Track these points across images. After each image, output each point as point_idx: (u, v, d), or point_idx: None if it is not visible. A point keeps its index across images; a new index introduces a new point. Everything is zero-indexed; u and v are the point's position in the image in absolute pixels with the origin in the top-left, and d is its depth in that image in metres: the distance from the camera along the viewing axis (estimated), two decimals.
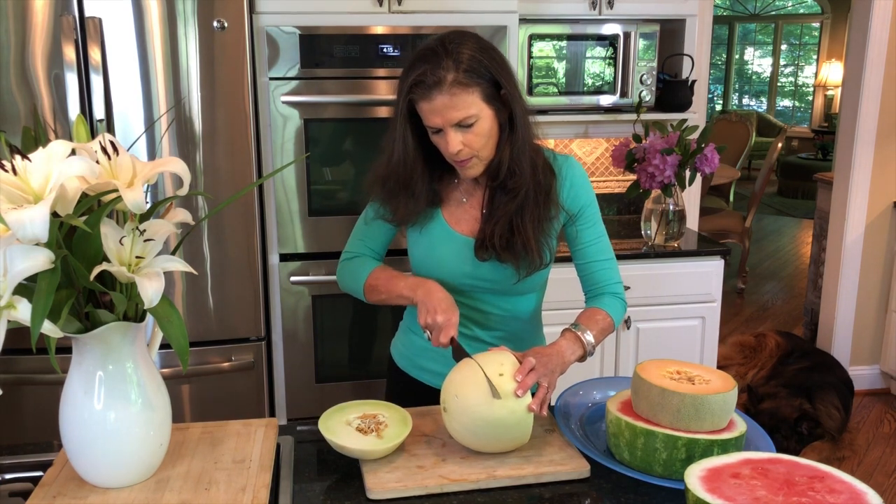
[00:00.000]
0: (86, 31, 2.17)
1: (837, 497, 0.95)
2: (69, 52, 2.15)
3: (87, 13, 2.16)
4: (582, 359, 1.45)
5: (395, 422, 1.33)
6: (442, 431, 1.37)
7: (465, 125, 1.37)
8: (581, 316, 1.51)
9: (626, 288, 1.43)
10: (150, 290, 1.02)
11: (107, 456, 1.12)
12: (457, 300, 1.55)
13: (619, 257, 1.61)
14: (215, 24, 2.24)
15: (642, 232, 2.88)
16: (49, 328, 0.99)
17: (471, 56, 1.35)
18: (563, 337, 1.45)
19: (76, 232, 1.02)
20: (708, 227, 4.83)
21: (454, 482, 1.22)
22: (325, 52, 2.38)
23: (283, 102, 2.38)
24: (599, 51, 2.90)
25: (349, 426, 1.31)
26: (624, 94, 2.95)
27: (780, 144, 5.53)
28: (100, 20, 2.17)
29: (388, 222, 1.55)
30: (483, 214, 1.51)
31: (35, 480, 1.21)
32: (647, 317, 2.77)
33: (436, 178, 1.52)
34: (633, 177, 2.83)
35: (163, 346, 1.87)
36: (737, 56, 10.65)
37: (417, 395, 1.61)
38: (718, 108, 10.52)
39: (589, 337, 1.45)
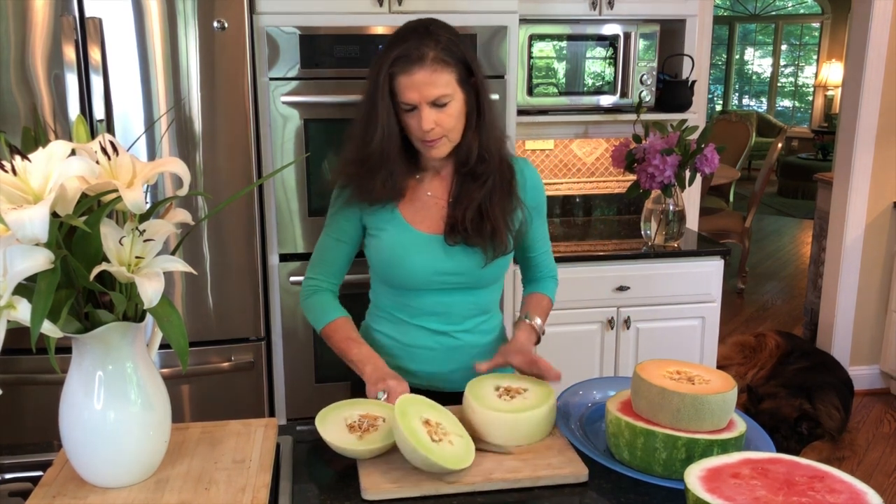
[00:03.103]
0: (86, 31, 2.17)
1: (837, 497, 0.95)
2: (69, 52, 2.15)
3: (87, 13, 2.16)
4: (537, 342, 1.65)
5: (389, 425, 1.32)
6: None
7: (439, 104, 1.43)
8: (529, 304, 1.68)
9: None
10: (150, 290, 1.02)
11: (107, 456, 1.12)
12: (425, 299, 1.58)
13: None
14: (215, 24, 2.24)
15: (642, 232, 2.87)
16: (49, 328, 0.99)
17: (448, 39, 1.44)
18: (521, 330, 1.62)
19: (76, 232, 1.02)
20: (708, 227, 4.83)
21: (450, 485, 1.21)
22: (326, 52, 2.38)
23: (283, 102, 2.38)
24: (599, 51, 2.90)
25: (343, 424, 1.31)
26: (624, 95, 2.95)
27: (780, 144, 5.53)
28: (100, 20, 2.17)
29: (360, 202, 1.53)
30: (450, 203, 1.54)
31: (35, 480, 1.21)
32: (647, 317, 2.77)
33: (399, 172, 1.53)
34: (633, 177, 2.83)
35: (163, 346, 1.87)
36: (737, 56, 10.65)
37: None
38: (718, 108, 10.52)
39: (538, 322, 1.65)
